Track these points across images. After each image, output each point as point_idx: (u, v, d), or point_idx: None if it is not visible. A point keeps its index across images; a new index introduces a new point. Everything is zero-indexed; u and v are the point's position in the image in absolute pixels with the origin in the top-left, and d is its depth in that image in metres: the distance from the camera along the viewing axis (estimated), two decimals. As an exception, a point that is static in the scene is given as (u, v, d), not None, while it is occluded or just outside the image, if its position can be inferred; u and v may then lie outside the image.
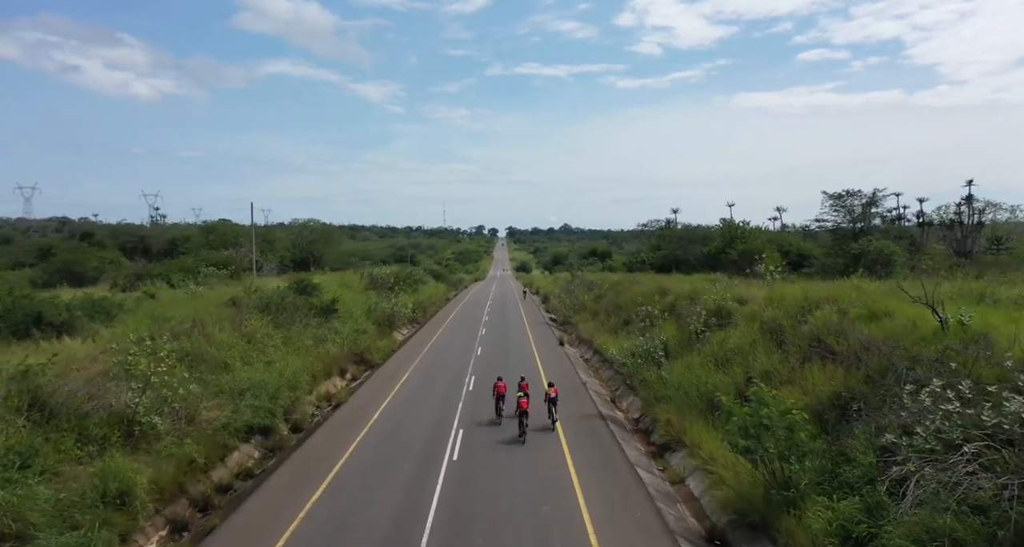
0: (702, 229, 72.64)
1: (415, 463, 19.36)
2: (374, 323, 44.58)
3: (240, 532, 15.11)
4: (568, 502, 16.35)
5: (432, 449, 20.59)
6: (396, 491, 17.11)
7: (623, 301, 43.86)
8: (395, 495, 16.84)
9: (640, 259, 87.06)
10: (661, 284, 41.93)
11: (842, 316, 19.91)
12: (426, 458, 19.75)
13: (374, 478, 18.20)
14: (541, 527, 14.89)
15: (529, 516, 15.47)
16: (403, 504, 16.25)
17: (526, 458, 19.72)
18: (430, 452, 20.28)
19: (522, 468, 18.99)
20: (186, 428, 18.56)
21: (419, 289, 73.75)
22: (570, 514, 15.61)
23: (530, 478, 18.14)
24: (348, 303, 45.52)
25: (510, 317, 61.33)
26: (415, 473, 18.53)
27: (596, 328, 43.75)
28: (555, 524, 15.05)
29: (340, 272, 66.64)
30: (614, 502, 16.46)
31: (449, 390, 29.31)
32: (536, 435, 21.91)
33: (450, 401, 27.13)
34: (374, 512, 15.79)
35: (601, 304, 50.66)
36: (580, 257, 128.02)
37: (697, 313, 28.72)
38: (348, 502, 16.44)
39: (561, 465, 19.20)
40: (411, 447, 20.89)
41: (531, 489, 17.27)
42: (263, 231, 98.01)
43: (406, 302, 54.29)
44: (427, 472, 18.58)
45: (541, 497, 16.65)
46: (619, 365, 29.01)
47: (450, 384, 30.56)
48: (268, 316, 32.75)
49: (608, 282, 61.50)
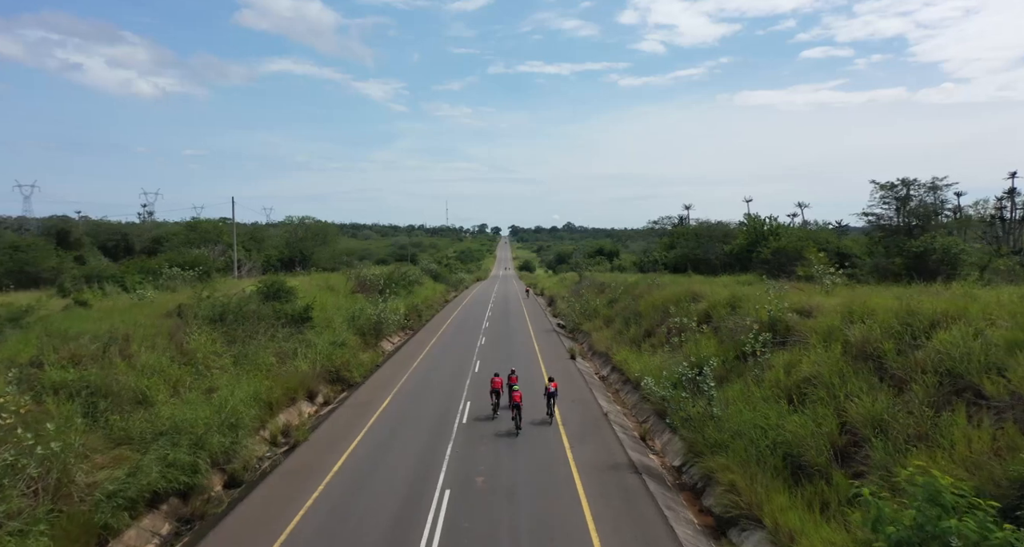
0: (721, 226, 66.74)
1: (384, 543, 13.70)
2: (357, 333, 38.89)
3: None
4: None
5: (407, 522, 14.87)
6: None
7: (643, 307, 38.09)
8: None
9: (652, 258, 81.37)
10: (689, 288, 36.12)
11: (979, 339, 14.15)
12: (399, 538, 14.05)
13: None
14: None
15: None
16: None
17: (538, 538, 13.96)
18: (403, 530, 14.56)
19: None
20: (47, 506, 12.88)
21: (414, 291, 68.11)
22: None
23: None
24: (329, 309, 39.89)
25: (513, 323, 55.58)
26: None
27: (612, 339, 37.99)
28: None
29: (329, 273, 60.90)
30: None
31: (439, 423, 23.58)
32: (551, 505, 16.21)
33: (438, 441, 21.39)
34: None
35: (616, 310, 44.89)
36: (586, 256, 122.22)
37: (746, 326, 22.96)
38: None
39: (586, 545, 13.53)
40: (379, 515, 15.18)
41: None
42: (250, 229, 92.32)
43: (397, 307, 48.60)
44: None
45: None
46: (649, 392, 23.28)
47: (440, 414, 24.85)
48: (222, 328, 27.13)
49: (621, 284, 55.76)
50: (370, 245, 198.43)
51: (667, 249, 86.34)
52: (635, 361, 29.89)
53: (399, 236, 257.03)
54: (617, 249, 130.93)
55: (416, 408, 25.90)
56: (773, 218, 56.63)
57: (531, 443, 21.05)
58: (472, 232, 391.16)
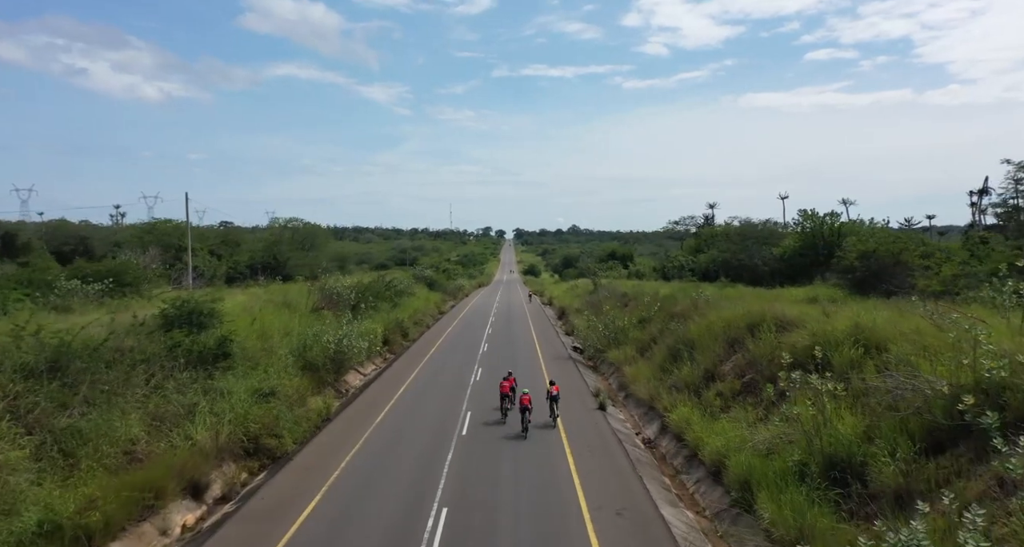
0: (767, 226, 56.36)
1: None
2: (306, 369, 28.71)
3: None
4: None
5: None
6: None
7: (696, 334, 27.72)
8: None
9: (677, 264, 71.00)
10: (762, 308, 25.67)
11: None
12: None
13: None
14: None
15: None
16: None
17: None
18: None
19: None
20: None
21: (402, 303, 57.89)
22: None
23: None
24: (273, 337, 29.78)
25: (518, 346, 45.21)
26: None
27: (654, 377, 27.63)
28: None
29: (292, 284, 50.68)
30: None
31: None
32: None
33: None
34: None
35: (651, 332, 34.58)
36: (597, 261, 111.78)
37: (936, 392, 12.71)
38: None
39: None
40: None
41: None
42: (222, 232, 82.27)
43: (371, 329, 38.44)
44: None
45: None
46: (774, 522, 13.02)
47: (402, 530, 14.59)
48: (50, 385, 16.94)
49: (649, 295, 45.61)
50: (371, 248, 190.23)
51: (693, 252, 76.02)
52: (705, 427, 19.55)
53: (402, 240, 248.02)
54: (631, 253, 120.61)
55: (366, 509, 15.67)
56: (835, 215, 46.31)
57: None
58: (476, 235, 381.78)
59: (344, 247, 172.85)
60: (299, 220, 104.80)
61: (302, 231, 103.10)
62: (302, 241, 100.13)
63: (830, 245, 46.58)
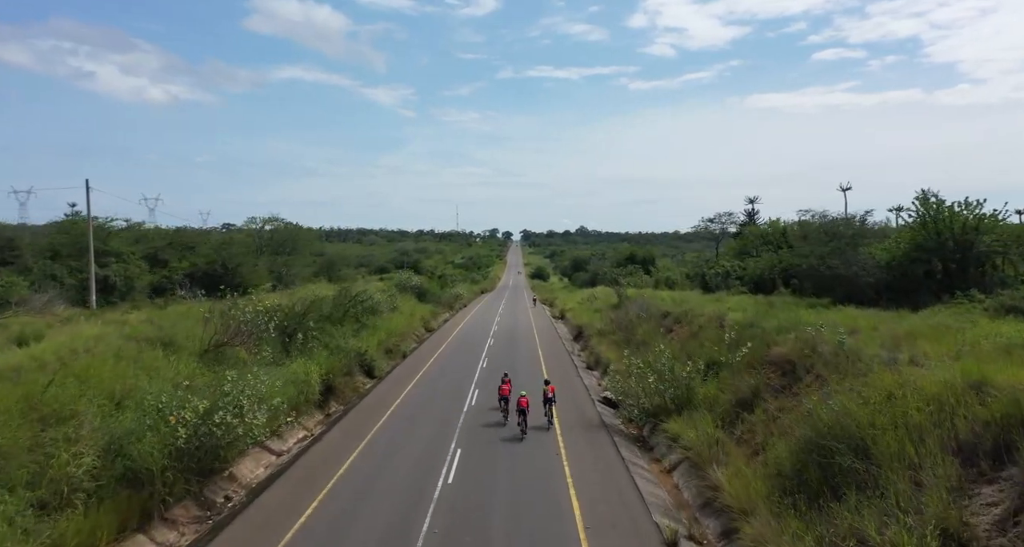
0: (850, 223, 42.65)
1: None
2: (123, 483, 15.40)
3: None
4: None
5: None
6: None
7: (867, 423, 14.17)
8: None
9: (720, 270, 57.38)
10: (967, 372, 12.31)
11: None
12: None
13: None
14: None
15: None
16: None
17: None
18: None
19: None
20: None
21: (374, 324, 44.54)
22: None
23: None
24: (81, 412, 16.57)
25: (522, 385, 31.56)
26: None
27: (779, 502, 14.17)
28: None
29: (189, 308, 37.29)
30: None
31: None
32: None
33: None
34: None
35: (734, 390, 21.09)
36: (615, 264, 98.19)
37: None
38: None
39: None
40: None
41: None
42: (171, 233, 69.01)
43: (297, 378, 25.14)
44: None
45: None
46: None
47: None
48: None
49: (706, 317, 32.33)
50: (373, 250, 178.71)
51: (737, 256, 62.40)
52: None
53: (406, 241, 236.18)
54: (652, 255, 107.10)
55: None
56: (979, 203, 32.59)
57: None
58: (483, 237, 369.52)
59: (346, 249, 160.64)
60: (279, 219, 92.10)
61: (281, 232, 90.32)
62: (281, 243, 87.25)
63: (963, 246, 33.09)
